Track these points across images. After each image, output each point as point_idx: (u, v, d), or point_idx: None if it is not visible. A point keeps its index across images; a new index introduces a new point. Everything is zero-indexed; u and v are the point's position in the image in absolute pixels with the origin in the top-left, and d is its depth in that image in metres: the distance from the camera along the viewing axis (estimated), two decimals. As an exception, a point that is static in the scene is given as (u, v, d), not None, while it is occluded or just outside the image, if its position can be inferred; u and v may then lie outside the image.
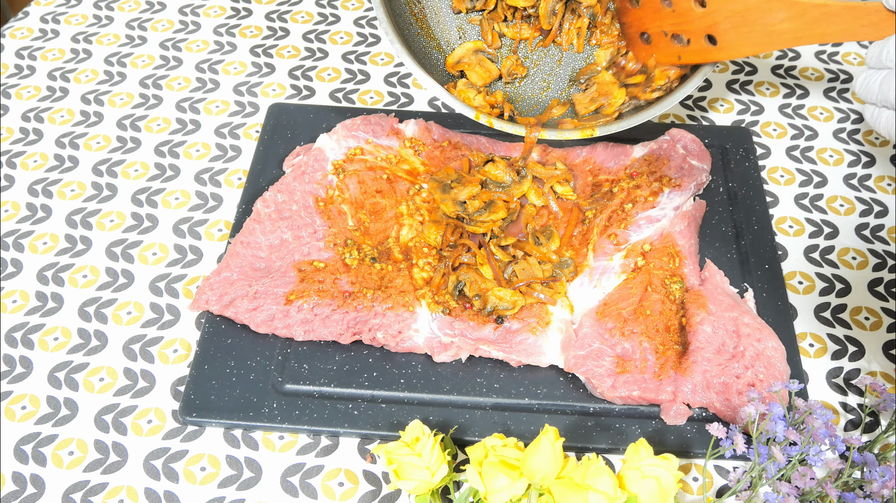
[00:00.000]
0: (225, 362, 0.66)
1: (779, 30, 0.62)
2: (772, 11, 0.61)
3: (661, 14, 0.72)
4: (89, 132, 0.87)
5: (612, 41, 0.82)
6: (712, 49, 0.69)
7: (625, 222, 0.74)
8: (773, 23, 0.62)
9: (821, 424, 0.53)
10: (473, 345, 0.66)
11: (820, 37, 0.59)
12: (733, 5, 0.64)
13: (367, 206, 0.76)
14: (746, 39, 0.65)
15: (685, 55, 0.72)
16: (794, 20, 0.60)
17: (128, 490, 0.60)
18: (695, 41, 0.70)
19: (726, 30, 0.66)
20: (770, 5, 0.61)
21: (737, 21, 0.65)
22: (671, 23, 0.71)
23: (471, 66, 0.79)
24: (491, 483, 0.54)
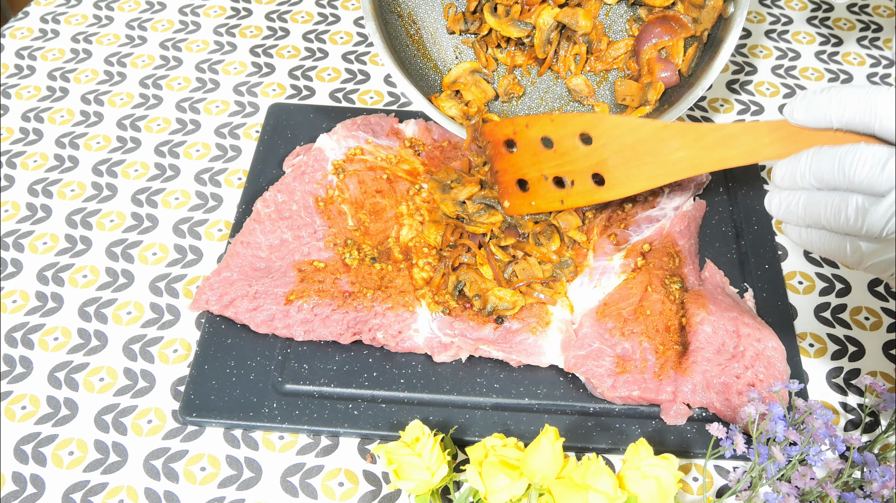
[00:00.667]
0: (225, 362, 0.66)
1: (673, 159, 0.57)
2: (665, 140, 0.57)
3: (541, 156, 0.65)
4: (89, 132, 0.87)
5: (609, 67, 0.81)
6: (599, 189, 0.63)
7: (625, 222, 0.74)
8: (666, 152, 0.57)
9: (821, 424, 0.53)
10: (473, 345, 0.66)
11: (718, 162, 0.55)
12: (623, 138, 0.59)
13: (367, 206, 0.76)
14: (638, 174, 0.60)
15: (568, 199, 0.66)
16: (690, 147, 0.56)
17: (128, 490, 0.60)
18: (579, 182, 0.64)
19: (615, 166, 0.61)
20: (663, 134, 0.57)
21: (627, 155, 0.60)
22: (553, 164, 0.65)
23: (467, 86, 0.79)
24: (491, 483, 0.54)
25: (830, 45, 0.97)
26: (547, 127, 0.64)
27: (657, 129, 0.57)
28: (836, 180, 0.46)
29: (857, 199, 0.46)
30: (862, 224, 0.46)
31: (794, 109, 0.48)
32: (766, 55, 0.96)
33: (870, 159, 0.45)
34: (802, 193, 0.49)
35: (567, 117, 0.62)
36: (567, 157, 0.64)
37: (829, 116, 0.47)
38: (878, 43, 0.97)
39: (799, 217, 0.49)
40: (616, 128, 0.60)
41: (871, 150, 0.45)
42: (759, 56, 0.96)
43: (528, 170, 0.67)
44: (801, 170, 0.48)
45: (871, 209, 0.45)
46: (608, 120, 0.60)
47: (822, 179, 0.47)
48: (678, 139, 0.56)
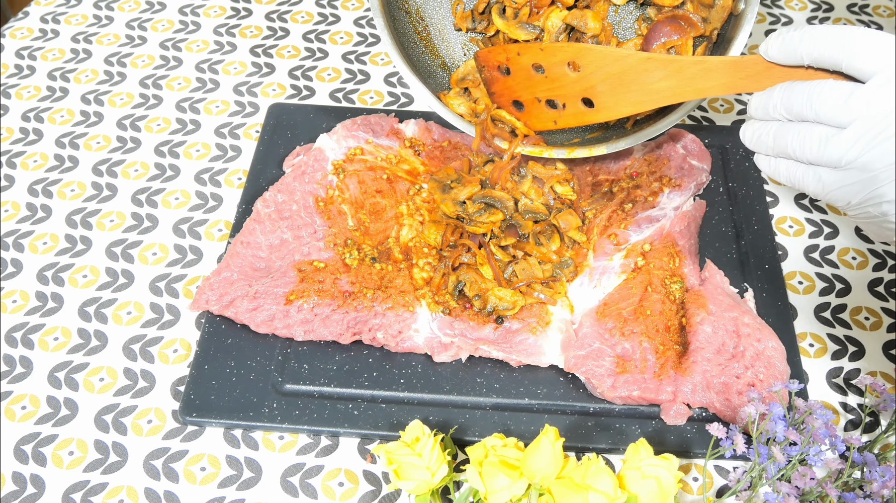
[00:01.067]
0: (225, 362, 0.66)
1: (657, 88, 0.60)
2: (649, 71, 0.59)
3: (533, 81, 0.68)
4: (89, 132, 0.87)
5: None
6: (589, 111, 0.66)
7: (625, 222, 0.74)
8: (650, 82, 0.60)
9: (821, 424, 0.53)
10: (473, 345, 0.66)
11: (699, 92, 0.58)
12: (609, 68, 0.62)
13: (367, 206, 0.76)
14: (625, 100, 0.63)
15: (561, 120, 0.69)
16: (672, 78, 0.58)
17: (128, 490, 0.60)
18: (570, 105, 0.67)
19: (602, 92, 0.64)
20: (647, 65, 0.59)
21: (613, 83, 0.62)
22: (544, 89, 0.68)
23: (475, 83, 0.79)
24: (491, 483, 0.54)
25: (830, 45, 0.97)
26: (537, 55, 0.66)
27: (641, 61, 0.60)
28: (804, 112, 0.49)
29: (821, 129, 0.49)
30: (823, 152, 0.49)
31: (769, 46, 0.51)
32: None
33: (835, 93, 0.48)
34: (773, 124, 0.52)
35: (556, 47, 0.65)
36: (558, 83, 0.67)
37: (800, 53, 0.49)
38: (878, 43, 0.97)
39: (769, 146, 0.52)
40: (602, 58, 0.62)
41: (837, 84, 0.48)
42: (759, 56, 0.96)
43: (522, 92, 0.70)
44: (774, 101, 0.51)
45: (833, 139, 0.48)
46: (595, 51, 0.62)
47: (792, 111, 0.50)
48: (661, 70, 0.59)
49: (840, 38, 0.47)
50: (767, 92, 0.52)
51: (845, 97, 0.47)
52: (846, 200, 0.51)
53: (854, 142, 0.47)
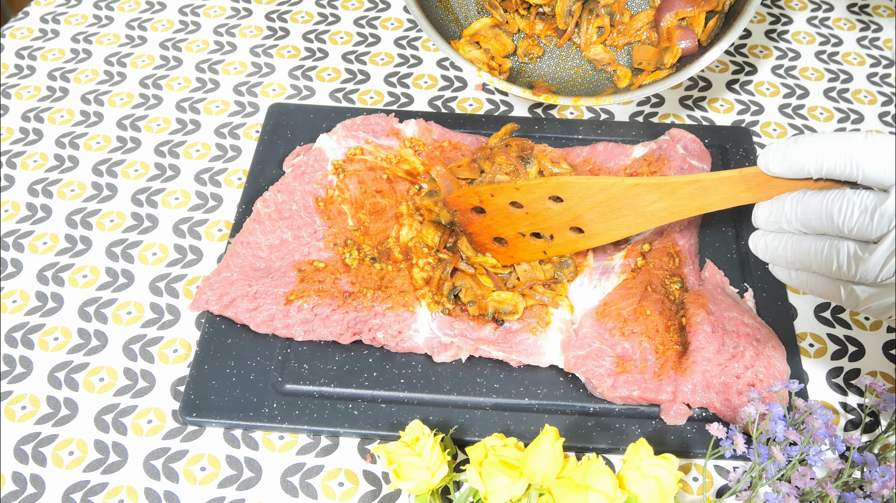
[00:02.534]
0: (225, 362, 0.66)
1: (651, 210, 0.57)
2: (639, 196, 0.56)
3: (513, 218, 0.63)
4: (89, 132, 0.87)
5: (631, 41, 0.82)
6: (581, 238, 0.62)
7: (625, 222, 0.74)
8: (643, 205, 0.57)
9: (821, 424, 0.53)
10: (473, 346, 0.66)
11: (697, 209, 0.55)
12: (594, 198, 0.58)
13: (367, 206, 0.76)
14: (617, 224, 0.59)
15: (551, 250, 0.65)
16: (666, 199, 0.55)
17: (128, 490, 0.60)
18: (559, 235, 0.63)
19: (592, 220, 0.60)
20: (636, 191, 0.56)
21: (602, 210, 0.59)
22: (527, 224, 0.63)
23: (487, 39, 0.80)
24: (491, 483, 0.54)
25: (830, 45, 0.97)
26: (513, 194, 0.62)
27: (629, 187, 0.56)
28: (823, 226, 0.46)
29: (849, 247, 0.45)
30: (856, 271, 0.45)
31: (769, 162, 0.47)
32: (766, 55, 0.96)
33: (858, 206, 0.44)
34: (790, 237, 0.48)
35: (532, 184, 0.61)
36: (540, 217, 0.63)
37: (806, 169, 0.46)
38: (878, 43, 0.97)
39: (788, 262, 0.49)
40: (586, 189, 0.58)
41: (857, 196, 0.44)
42: (760, 56, 0.96)
43: (502, 229, 0.66)
44: (787, 214, 0.47)
45: (865, 257, 0.44)
46: (576, 184, 0.58)
47: (809, 225, 0.46)
48: (653, 194, 0.56)
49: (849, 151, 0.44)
50: (777, 202, 0.48)
51: (871, 210, 0.43)
52: (887, 314, 0.47)
53: (887, 258, 0.43)
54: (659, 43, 0.81)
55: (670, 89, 0.92)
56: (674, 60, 0.78)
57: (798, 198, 0.47)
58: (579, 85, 0.83)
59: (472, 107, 0.90)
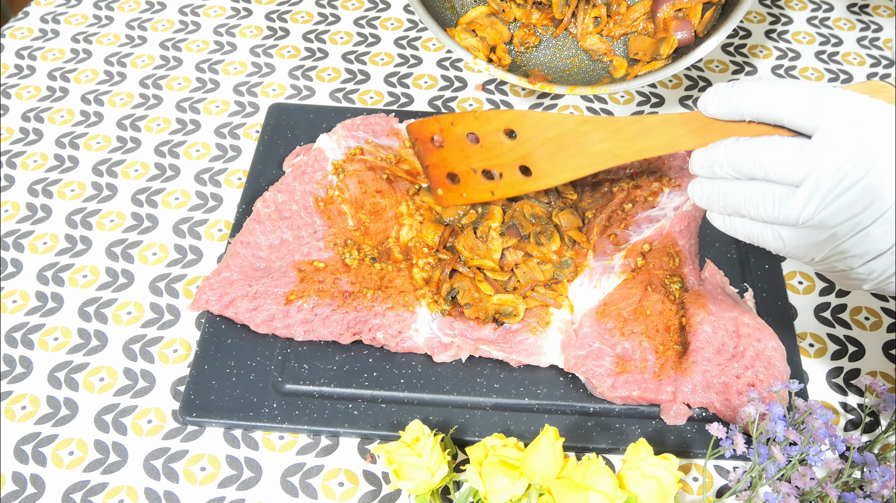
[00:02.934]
0: (225, 362, 0.66)
1: (596, 151, 0.59)
2: (586, 133, 0.58)
3: (468, 151, 0.66)
4: (89, 132, 0.87)
5: (627, 31, 0.83)
6: (527, 180, 0.64)
7: (625, 222, 0.74)
8: (589, 145, 0.59)
9: (821, 424, 0.53)
10: (473, 345, 0.66)
11: (639, 152, 0.56)
12: (546, 133, 0.60)
13: (367, 206, 0.76)
14: (563, 165, 0.61)
15: (498, 190, 0.67)
16: (611, 139, 0.57)
17: (128, 490, 0.60)
18: (507, 174, 0.65)
19: (540, 158, 0.62)
20: (584, 128, 0.58)
21: (551, 148, 0.61)
22: (480, 159, 0.66)
23: (483, 27, 0.80)
24: (491, 483, 0.54)
25: (830, 45, 0.97)
26: (471, 124, 0.65)
27: (578, 123, 0.59)
28: (752, 171, 0.48)
29: (773, 190, 0.47)
30: (779, 213, 0.47)
31: (707, 103, 0.50)
32: (766, 55, 0.96)
33: (782, 150, 0.46)
34: (722, 183, 0.50)
35: (491, 114, 0.64)
36: (494, 152, 0.65)
37: (740, 110, 0.49)
38: (878, 43, 0.97)
39: (720, 206, 0.51)
40: (539, 123, 0.61)
41: (783, 142, 0.47)
42: (759, 56, 0.96)
43: (456, 164, 0.68)
44: (720, 160, 0.50)
45: (787, 199, 0.47)
46: (531, 116, 0.61)
47: (740, 170, 0.49)
48: (599, 132, 0.58)
49: (778, 94, 0.46)
50: (711, 148, 0.50)
51: (794, 155, 0.46)
52: (810, 257, 0.50)
53: (808, 200, 0.46)
54: (655, 34, 0.81)
55: (670, 89, 0.92)
56: (670, 51, 0.78)
57: (731, 143, 0.49)
58: (575, 75, 0.83)
59: (473, 107, 0.90)
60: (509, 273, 0.69)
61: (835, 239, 0.47)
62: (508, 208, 0.73)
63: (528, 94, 0.91)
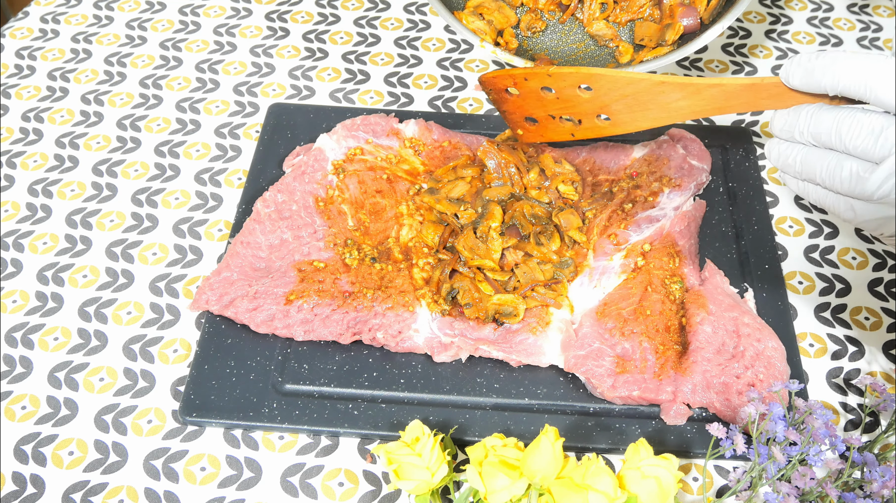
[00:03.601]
0: (225, 362, 0.66)
1: (676, 107, 0.59)
2: (665, 93, 0.59)
3: (545, 101, 0.67)
4: (89, 132, 0.87)
5: (634, 17, 0.83)
6: (607, 125, 0.65)
7: (625, 222, 0.74)
8: (668, 102, 0.59)
9: (821, 424, 0.53)
10: (473, 345, 0.66)
11: (719, 110, 0.57)
12: (622, 90, 0.61)
13: (367, 206, 0.76)
14: (643, 116, 0.62)
15: (579, 133, 0.68)
16: (690, 98, 0.58)
17: (128, 490, 0.60)
18: (586, 121, 0.66)
19: (619, 110, 0.63)
20: (662, 88, 0.58)
21: (629, 103, 0.62)
22: (557, 108, 0.67)
23: (490, 11, 0.81)
24: (491, 483, 0.54)
25: (830, 46, 0.97)
26: (545, 80, 0.65)
27: (655, 84, 0.59)
28: (832, 142, 0.48)
29: (852, 165, 0.47)
30: (855, 187, 0.48)
31: (790, 75, 0.50)
32: (766, 55, 0.96)
33: (866, 127, 0.46)
34: (801, 148, 0.50)
35: (564, 72, 0.63)
36: (570, 103, 0.66)
37: (823, 85, 0.48)
38: (878, 43, 0.97)
39: (796, 171, 0.51)
40: (614, 82, 0.61)
41: (867, 117, 0.46)
42: (760, 56, 0.96)
43: (534, 110, 0.69)
44: (800, 126, 0.50)
45: (865, 176, 0.47)
46: (605, 76, 0.61)
47: (820, 139, 0.49)
48: (677, 92, 0.58)
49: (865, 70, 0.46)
50: (793, 113, 0.50)
51: (876, 133, 0.45)
52: (879, 231, 0.50)
53: (887, 178, 0.46)
54: (661, 20, 0.82)
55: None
56: (675, 37, 0.79)
57: (813, 111, 0.49)
58: (581, 60, 0.84)
59: (473, 107, 0.90)
60: (509, 273, 0.69)
61: None
62: (510, 206, 0.73)
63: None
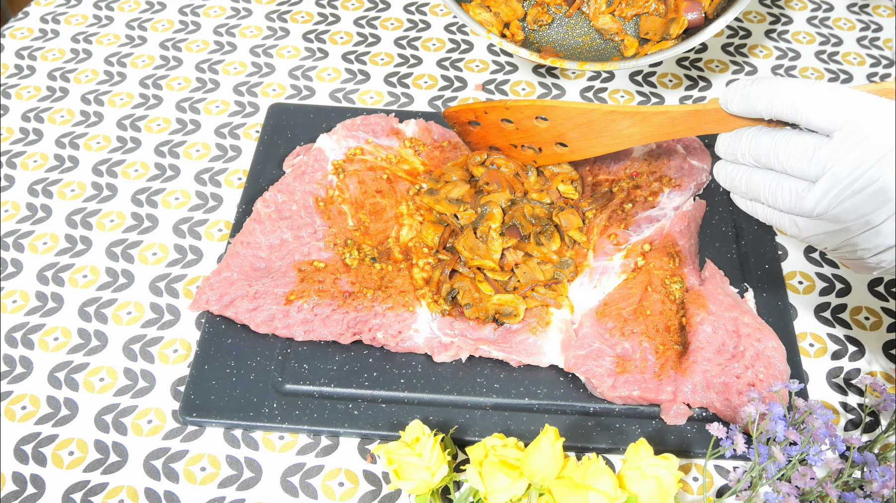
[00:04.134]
0: (225, 362, 0.66)
1: (627, 133, 0.63)
2: (616, 121, 0.62)
3: (506, 132, 0.71)
4: (89, 132, 0.87)
5: (639, 12, 0.83)
6: (565, 152, 0.70)
7: (625, 222, 0.74)
8: (619, 129, 0.63)
9: (821, 424, 0.53)
10: (473, 345, 0.66)
11: (667, 135, 0.60)
12: (575, 120, 0.65)
13: (367, 206, 0.76)
14: (598, 143, 0.66)
15: (539, 159, 0.73)
16: (640, 125, 0.61)
17: (128, 490, 0.60)
18: (546, 148, 0.71)
19: (575, 138, 0.67)
20: (612, 117, 0.62)
21: (584, 130, 0.66)
22: (517, 137, 0.71)
23: (497, 3, 0.82)
24: (491, 483, 0.54)
25: (830, 45, 0.97)
26: (503, 113, 0.69)
27: (606, 113, 0.63)
28: (771, 163, 0.50)
29: (792, 184, 0.50)
30: (795, 205, 0.50)
31: (729, 101, 0.52)
32: (766, 55, 0.96)
33: (800, 148, 0.49)
34: (744, 169, 0.53)
35: (521, 105, 0.67)
36: (529, 132, 0.70)
37: (758, 110, 0.50)
38: (878, 43, 0.97)
39: (742, 191, 0.54)
40: (566, 112, 0.65)
41: (801, 139, 0.49)
42: (760, 56, 0.96)
43: (496, 140, 0.73)
44: (742, 148, 0.52)
45: (803, 193, 0.49)
46: (559, 107, 0.65)
47: (760, 160, 0.51)
48: (627, 120, 0.62)
49: (795, 94, 0.48)
50: (735, 136, 0.53)
51: (810, 153, 0.48)
52: (823, 245, 0.52)
53: (823, 196, 0.48)
54: (666, 14, 0.82)
55: (670, 88, 0.92)
56: (680, 31, 0.80)
57: (752, 134, 0.52)
58: (586, 53, 0.85)
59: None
60: (509, 273, 0.69)
61: (847, 232, 0.49)
62: (509, 209, 0.73)
63: (528, 93, 0.91)
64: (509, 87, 0.92)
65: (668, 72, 0.94)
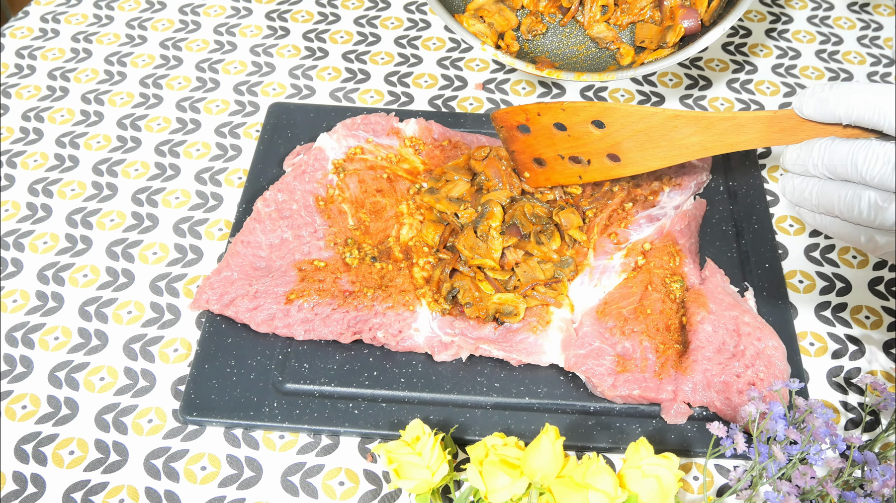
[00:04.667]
0: (225, 361, 0.66)
1: (687, 143, 0.59)
2: (677, 128, 0.59)
3: (555, 139, 0.67)
4: (89, 132, 0.87)
5: (635, 20, 0.83)
6: (616, 166, 0.65)
7: (625, 221, 0.74)
8: (679, 138, 0.59)
9: (821, 423, 0.53)
10: (474, 345, 0.66)
11: (731, 146, 0.57)
12: (635, 125, 0.61)
13: (367, 206, 0.76)
14: (653, 154, 0.62)
15: (586, 175, 0.68)
16: (702, 133, 0.58)
17: (128, 489, 0.60)
18: (595, 160, 0.66)
19: (629, 149, 0.63)
20: (675, 122, 0.58)
21: (640, 139, 0.61)
22: (567, 146, 0.67)
23: (491, 13, 0.81)
24: (491, 482, 0.54)
25: (831, 44, 0.97)
26: (558, 115, 0.65)
27: (669, 118, 0.58)
28: (848, 174, 0.47)
29: (871, 195, 0.47)
30: (875, 218, 0.47)
31: (803, 104, 0.49)
32: (766, 54, 0.96)
33: (882, 157, 0.45)
34: (815, 182, 0.50)
35: (579, 106, 0.63)
36: (581, 140, 0.65)
37: (836, 114, 0.48)
38: (879, 42, 0.97)
39: (812, 205, 0.51)
40: (628, 116, 0.61)
41: (882, 147, 0.46)
42: (760, 55, 0.96)
43: (543, 150, 0.69)
44: (814, 159, 0.49)
45: (885, 206, 0.46)
46: (620, 109, 0.61)
47: (835, 171, 0.48)
48: (691, 126, 0.58)
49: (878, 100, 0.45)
50: (806, 146, 0.50)
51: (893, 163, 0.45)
52: None
53: None
54: (662, 22, 0.82)
55: (670, 87, 0.92)
56: (676, 39, 0.79)
57: (826, 144, 0.48)
58: (582, 62, 0.84)
59: (473, 106, 0.90)
60: (510, 272, 0.69)
61: None
62: (509, 208, 0.73)
63: (528, 93, 0.91)
64: (509, 86, 0.92)
65: (669, 71, 0.94)
